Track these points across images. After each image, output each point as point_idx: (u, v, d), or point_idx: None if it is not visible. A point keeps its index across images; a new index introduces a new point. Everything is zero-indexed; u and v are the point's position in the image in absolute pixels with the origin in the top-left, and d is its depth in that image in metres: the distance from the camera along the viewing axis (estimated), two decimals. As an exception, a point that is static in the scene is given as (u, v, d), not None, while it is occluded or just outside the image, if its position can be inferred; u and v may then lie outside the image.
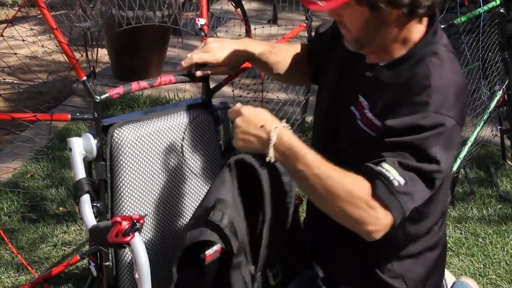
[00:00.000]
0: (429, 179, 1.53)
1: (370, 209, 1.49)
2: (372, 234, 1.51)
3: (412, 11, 1.55)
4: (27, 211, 3.40)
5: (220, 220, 1.54)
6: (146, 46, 4.81)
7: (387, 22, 1.57)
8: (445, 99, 1.53)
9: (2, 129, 4.14)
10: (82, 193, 1.74)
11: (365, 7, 1.53)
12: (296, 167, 1.53)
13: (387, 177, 1.48)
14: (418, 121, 1.51)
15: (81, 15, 4.22)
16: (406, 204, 1.50)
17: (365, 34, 1.60)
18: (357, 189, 1.50)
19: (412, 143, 1.50)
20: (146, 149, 1.83)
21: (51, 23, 1.66)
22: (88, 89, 1.74)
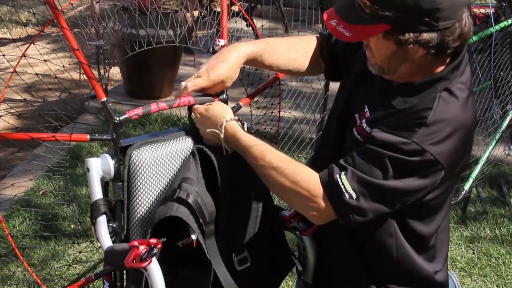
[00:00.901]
0: (385, 198, 1.57)
1: (312, 196, 1.59)
2: (314, 219, 1.63)
3: (439, 51, 1.54)
4: (39, 228, 3.40)
5: (186, 197, 1.62)
6: (158, 64, 4.83)
7: (412, 58, 1.57)
8: (434, 135, 1.54)
9: (15, 146, 4.17)
10: (99, 214, 1.74)
11: (392, 42, 1.54)
12: (245, 158, 1.67)
13: (339, 188, 1.56)
14: (399, 143, 1.53)
15: (94, 33, 4.25)
16: (353, 216, 1.57)
17: (388, 64, 1.61)
18: (300, 177, 1.60)
19: (382, 157, 1.54)
20: (163, 170, 1.83)
21: (73, 44, 1.67)
22: (107, 110, 1.75)
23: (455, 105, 1.58)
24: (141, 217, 1.82)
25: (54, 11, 1.65)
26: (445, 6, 1.48)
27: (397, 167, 1.54)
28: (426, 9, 1.47)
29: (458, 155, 1.60)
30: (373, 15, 1.51)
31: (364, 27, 1.53)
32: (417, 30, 1.50)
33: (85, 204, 3.58)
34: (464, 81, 1.63)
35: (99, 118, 4.72)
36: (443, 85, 1.60)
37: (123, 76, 5.13)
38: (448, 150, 1.55)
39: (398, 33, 1.51)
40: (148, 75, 4.88)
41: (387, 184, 1.54)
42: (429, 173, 1.56)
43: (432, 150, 1.53)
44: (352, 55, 1.84)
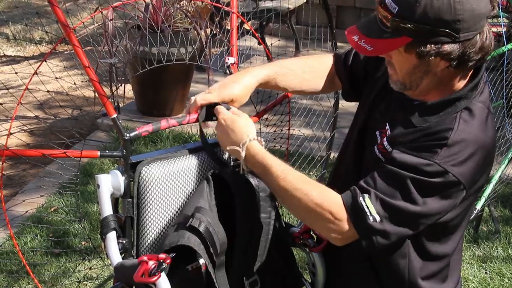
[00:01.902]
0: (409, 220, 1.56)
1: (335, 220, 1.58)
2: (336, 241, 1.62)
3: (460, 64, 1.54)
4: (50, 245, 3.41)
5: (198, 225, 1.62)
6: (170, 82, 4.86)
7: (433, 72, 1.57)
8: (455, 156, 1.53)
9: (27, 162, 4.19)
10: (109, 230, 1.74)
11: (414, 55, 1.54)
12: (265, 179, 1.64)
13: (364, 210, 1.55)
14: (421, 165, 1.53)
15: (107, 51, 4.29)
16: (377, 239, 1.57)
17: (410, 80, 1.60)
18: (323, 200, 1.59)
19: (404, 179, 1.54)
20: (173, 187, 1.83)
21: (84, 62, 1.69)
22: (118, 126, 1.76)
23: (475, 125, 1.58)
24: (151, 233, 1.82)
25: (66, 29, 1.67)
26: (466, 17, 1.48)
27: (420, 189, 1.53)
28: (447, 20, 1.48)
29: (478, 174, 1.60)
30: (394, 28, 1.52)
31: (386, 40, 1.54)
32: (438, 42, 1.50)
33: (96, 221, 3.59)
34: (484, 100, 1.63)
35: (111, 135, 4.74)
36: (463, 104, 1.59)
37: (135, 93, 5.16)
38: (469, 170, 1.55)
39: (420, 45, 1.52)
40: (160, 93, 4.91)
41: (411, 207, 1.54)
42: (452, 194, 1.56)
43: (455, 171, 1.53)
44: (371, 74, 1.84)
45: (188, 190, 1.87)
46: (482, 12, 1.52)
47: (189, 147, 1.91)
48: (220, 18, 5.34)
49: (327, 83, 1.92)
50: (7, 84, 4.99)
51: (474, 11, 1.50)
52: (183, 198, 1.86)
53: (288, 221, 3.32)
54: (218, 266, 1.71)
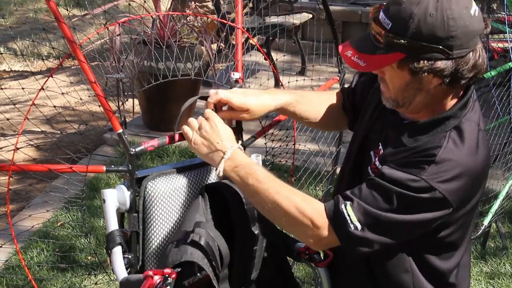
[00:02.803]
0: (390, 230, 1.57)
1: (314, 228, 1.59)
2: (314, 246, 1.67)
3: (453, 81, 1.54)
4: (56, 260, 3.41)
5: (199, 239, 1.63)
6: (176, 97, 4.87)
7: (426, 89, 1.57)
8: (442, 173, 1.53)
9: (33, 177, 4.20)
10: (114, 245, 1.74)
11: (406, 71, 1.54)
12: (246, 181, 1.64)
13: (344, 218, 1.55)
14: (407, 180, 1.54)
15: (114, 66, 4.31)
16: (358, 246, 1.58)
17: (403, 97, 1.61)
18: (304, 206, 1.59)
19: (390, 192, 1.54)
20: (179, 201, 1.84)
21: (90, 77, 1.70)
22: (123, 141, 1.77)
23: (465, 148, 1.58)
24: (156, 248, 1.82)
25: (72, 44, 1.68)
26: (459, 34, 1.49)
27: (404, 202, 1.54)
28: (440, 37, 1.49)
29: (468, 194, 1.60)
30: (387, 43, 1.53)
31: (379, 56, 1.55)
32: (431, 58, 1.51)
33: (102, 236, 3.59)
34: (474, 119, 1.63)
35: (118, 150, 4.75)
36: (452, 123, 1.60)
37: (141, 108, 5.17)
38: (456, 189, 1.55)
39: (413, 61, 1.52)
40: (167, 108, 4.92)
41: (392, 217, 1.54)
42: (436, 209, 1.56)
43: (441, 187, 1.53)
44: (366, 97, 1.86)
45: (194, 205, 1.88)
46: (475, 30, 1.52)
47: (195, 162, 1.91)
48: (226, 34, 5.36)
49: (339, 117, 1.96)
50: (14, 99, 5.02)
51: (467, 28, 1.50)
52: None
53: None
54: (222, 279, 1.71)
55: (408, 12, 1.50)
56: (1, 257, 3.30)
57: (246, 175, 1.65)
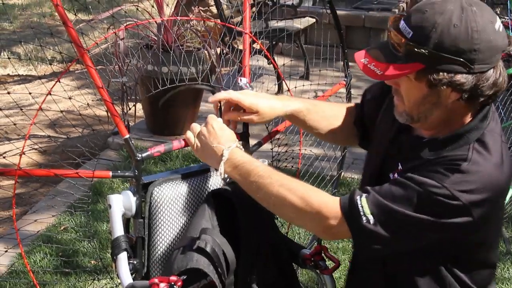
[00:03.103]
0: (402, 227, 1.52)
1: (322, 218, 1.55)
2: (324, 236, 1.63)
3: (471, 97, 1.50)
4: (60, 264, 3.41)
5: (205, 246, 1.63)
6: (180, 101, 4.87)
7: (443, 104, 1.53)
8: (466, 184, 1.49)
9: (37, 181, 4.20)
10: (120, 251, 1.74)
11: (424, 83, 1.50)
12: (248, 179, 1.62)
13: (358, 210, 1.52)
14: (430, 185, 1.49)
15: (118, 70, 4.31)
16: (369, 240, 1.53)
17: (418, 111, 1.56)
18: (310, 197, 1.56)
19: (410, 190, 1.50)
20: (185, 207, 1.84)
21: (97, 82, 1.70)
22: (130, 147, 1.77)
23: (491, 161, 1.53)
24: (162, 254, 1.82)
25: (80, 49, 1.68)
26: (483, 48, 1.45)
27: (422, 202, 1.49)
28: (463, 49, 1.45)
29: (491, 209, 1.55)
30: (407, 53, 1.49)
31: (397, 65, 1.51)
32: (451, 71, 1.46)
33: (106, 240, 3.59)
34: (497, 131, 1.59)
35: (121, 154, 4.75)
36: (474, 136, 1.55)
37: (145, 112, 5.17)
38: (480, 201, 1.50)
39: (432, 72, 1.47)
40: (170, 112, 4.92)
41: (407, 213, 1.49)
42: (455, 216, 1.50)
43: (463, 197, 1.48)
44: (378, 114, 1.82)
45: (200, 210, 1.87)
46: (499, 45, 1.48)
47: (201, 167, 1.91)
48: (230, 38, 5.37)
49: (349, 132, 1.93)
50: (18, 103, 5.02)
51: (491, 43, 1.46)
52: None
53: (298, 241, 3.31)
54: (228, 286, 1.71)
55: (431, 22, 1.46)
56: (4, 262, 3.30)
57: (247, 173, 1.64)
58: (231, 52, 4.88)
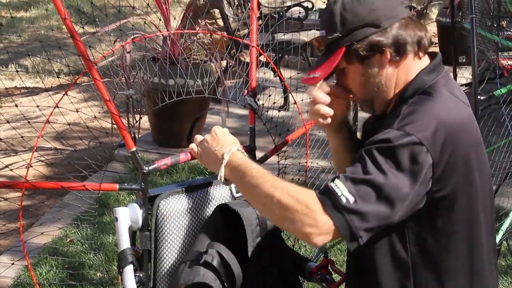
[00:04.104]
0: (382, 196, 1.49)
1: (309, 212, 1.49)
2: (312, 238, 1.50)
3: (398, 50, 1.62)
4: (65, 276, 3.40)
5: (211, 260, 1.63)
6: (186, 113, 4.88)
7: (381, 71, 1.64)
8: (412, 121, 1.55)
9: (43, 193, 4.20)
10: (126, 264, 1.74)
11: (356, 62, 1.63)
12: (244, 179, 1.63)
13: (335, 192, 1.49)
14: (380, 135, 1.54)
15: (124, 83, 4.32)
16: (354, 222, 1.48)
17: (369, 90, 1.67)
18: (299, 194, 1.53)
19: (370, 151, 1.52)
20: (191, 220, 1.84)
21: (105, 95, 1.70)
22: (137, 159, 1.77)
23: (432, 101, 1.60)
24: (168, 267, 1.82)
25: (87, 63, 1.69)
26: (379, 5, 1.62)
27: (387, 156, 1.50)
28: (363, 14, 1.61)
29: (448, 148, 1.54)
30: (328, 46, 1.66)
31: (327, 62, 1.65)
32: (366, 36, 1.60)
33: (112, 253, 3.58)
34: (447, 87, 1.65)
35: (127, 166, 4.76)
36: (417, 87, 1.64)
37: (151, 124, 5.18)
38: (432, 135, 1.52)
39: (354, 47, 1.61)
40: (177, 124, 4.93)
41: (380, 178, 1.49)
42: (419, 158, 1.51)
43: (413, 132, 1.52)
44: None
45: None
46: (394, 0, 1.64)
47: (207, 180, 1.91)
48: (237, 51, 5.38)
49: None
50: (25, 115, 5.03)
51: (384, 0, 1.63)
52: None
53: (304, 254, 3.30)
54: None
55: (329, 12, 1.65)
56: (10, 274, 3.30)
57: (243, 175, 1.64)
58: (238, 64, 4.89)
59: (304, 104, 3.23)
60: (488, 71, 4.27)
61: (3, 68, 7.16)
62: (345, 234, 1.49)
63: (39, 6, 10.09)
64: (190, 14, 4.89)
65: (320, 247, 2.50)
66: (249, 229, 1.74)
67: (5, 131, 5.27)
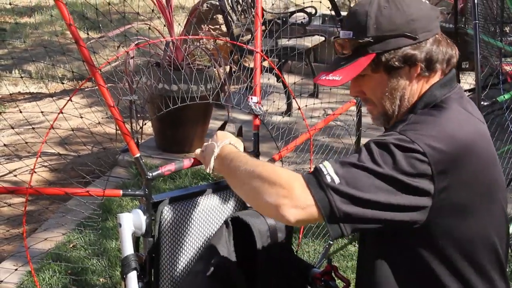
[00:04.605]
0: (369, 184, 1.42)
1: (287, 183, 1.43)
2: (283, 209, 1.41)
3: (429, 66, 1.56)
4: (68, 282, 3.40)
5: (218, 273, 1.62)
6: (189, 119, 4.88)
7: (408, 84, 1.57)
8: (417, 129, 1.48)
9: (47, 199, 4.21)
10: (129, 270, 1.74)
11: (382, 72, 1.56)
12: (230, 165, 1.59)
13: (321, 171, 1.43)
14: (383, 135, 1.50)
15: (127, 88, 4.33)
16: (336, 203, 1.40)
17: (391, 102, 1.59)
18: (283, 170, 1.49)
19: (368, 144, 1.47)
20: (194, 226, 1.83)
21: (109, 101, 1.71)
22: (140, 165, 1.77)
23: (441, 115, 1.53)
24: (171, 273, 1.82)
25: (92, 68, 1.69)
26: (418, 17, 1.54)
27: (384, 151, 1.44)
28: (401, 23, 1.53)
29: (452, 163, 1.46)
30: (355, 49, 1.56)
31: (352, 64, 1.56)
32: (400, 46, 1.53)
33: (115, 258, 3.58)
34: (459, 102, 1.58)
35: (131, 171, 4.75)
36: (428, 101, 1.58)
37: (154, 130, 5.19)
38: (435, 146, 1.45)
39: (384, 56, 1.53)
40: (180, 129, 4.93)
41: (370, 165, 1.43)
42: (415, 165, 1.43)
43: (414, 137, 1.46)
44: None
45: (210, 230, 1.87)
46: (431, 13, 1.58)
47: (211, 186, 1.91)
48: (240, 56, 5.39)
49: None
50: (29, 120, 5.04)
51: (423, 11, 1.55)
52: (204, 238, 1.86)
53: (307, 260, 3.30)
54: None
55: (363, 14, 1.55)
56: (13, 280, 3.30)
57: (230, 162, 1.61)
58: (241, 70, 4.90)
59: (307, 109, 3.24)
60: (492, 76, 4.27)
61: (7, 74, 7.18)
62: (324, 212, 1.41)
63: (43, 11, 10.11)
64: (194, 19, 4.90)
65: (323, 253, 2.49)
66: (259, 242, 1.73)
67: (9, 136, 5.27)
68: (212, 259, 1.66)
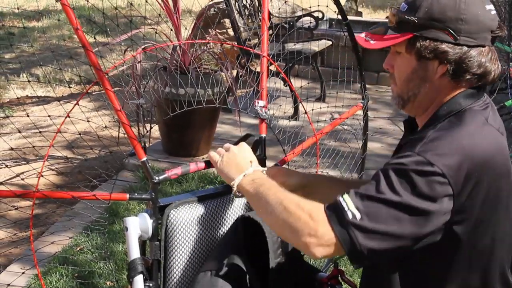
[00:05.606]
0: (390, 215, 1.42)
1: (311, 221, 1.46)
2: (310, 247, 1.45)
3: (457, 72, 1.53)
4: (75, 285, 3.41)
5: (231, 273, 1.62)
6: (196, 123, 4.89)
7: (430, 79, 1.57)
8: (436, 148, 1.46)
9: (54, 202, 4.22)
10: (136, 273, 1.74)
11: (413, 56, 1.56)
12: (258, 189, 1.61)
13: (342, 206, 1.44)
14: (401, 157, 1.48)
15: (134, 92, 4.34)
16: (358, 239, 1.42)
17: (408, 88, 1.60)
18: (306, 203, 1.50)
19: (386, 171, 1.46)
20: (201, 230, 1.83)
21: (116, 105, 1.71)
22: (147, 169, 1.77)
23: (461, 130, 1.51)
24: (178, 277, 1.82)
25: (99, 73, 1.70)
26: (469, 20, 1.51)
27: (403, 178, 1.44)
28: (450, 17, 1.52)
29: (471, 182, 1.46)
30: (398, 22, 1.57)
31: (389, 36, 1.59)
32: (438, 39, 1.52)
33: (122, 261, 3.59)
34: (482, 113, 1.56)
35: (137, 175, 4.76)
36: (451, 109, 1.56)
37: (161, 133, 5.20)
38: (455, 166, 1.44)
39: (420, 40, 1.53)
40: (187, 133, 4.94)
41: (391, 197, 1.43)
42: (435, 186, 1.43)
43: (433, 159, 1.44)
44: None
45: (217, 234, 1.87)
46: (487, 23, 1.53)
47: (218, 190, 1.91)
48: (247, 61, 5.39)
49: None
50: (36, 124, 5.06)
51: (479, 17, 1.52)
52: (211, 242, 1.86)
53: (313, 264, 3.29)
54: None
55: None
56: (20, 283, 3.30)
57: (259, 186, 1.63)
58: (248, 74, 4.90)
59: (314, 113, 3.24)
60: (500, 81, 4.26)
61: (14, 77, 7.21)
62: (348, 250, 1.43)
63: (51, 16, 10.16)
64: (201, 24, 4.91)
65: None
66: (271, 241, 1.72)
67: (16, 140, 5.29)
68: (224, 258, 1.66)
